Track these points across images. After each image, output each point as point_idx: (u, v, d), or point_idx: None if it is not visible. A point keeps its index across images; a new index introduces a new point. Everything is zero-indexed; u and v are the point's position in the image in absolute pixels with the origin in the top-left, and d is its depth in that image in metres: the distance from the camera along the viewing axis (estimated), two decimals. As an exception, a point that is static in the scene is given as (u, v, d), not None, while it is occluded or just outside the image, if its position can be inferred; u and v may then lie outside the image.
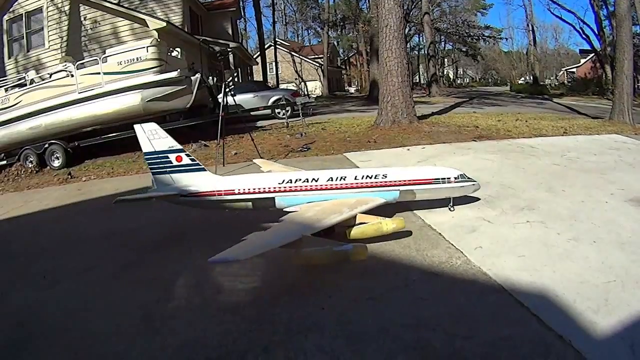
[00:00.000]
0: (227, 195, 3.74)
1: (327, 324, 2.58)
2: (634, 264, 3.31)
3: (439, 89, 28.40)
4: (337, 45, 47.45)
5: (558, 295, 2.91)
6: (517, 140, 8.74)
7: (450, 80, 63.50)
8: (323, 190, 3.65)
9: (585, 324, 2.60)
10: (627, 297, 2.85)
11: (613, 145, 8.23)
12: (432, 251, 3.61)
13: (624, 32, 11.63)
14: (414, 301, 2.87)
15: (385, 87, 9.60)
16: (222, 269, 3.32)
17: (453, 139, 8.63)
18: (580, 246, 3.67)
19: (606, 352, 2.37)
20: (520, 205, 4.71)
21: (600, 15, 32.54)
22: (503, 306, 2.82)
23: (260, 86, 15.98)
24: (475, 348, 2.40)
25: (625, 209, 4.57)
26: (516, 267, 3.33)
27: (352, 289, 3.00)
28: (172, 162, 3.77)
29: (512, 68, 62.18)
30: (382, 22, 9.58)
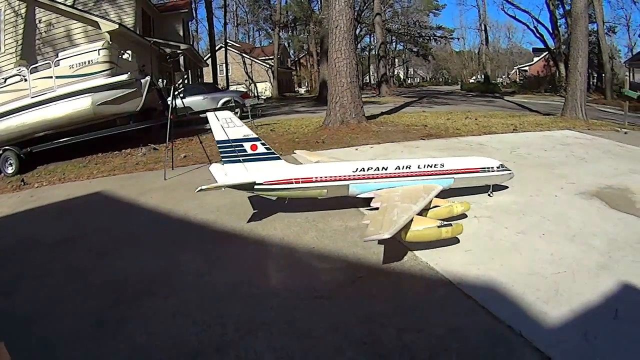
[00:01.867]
0: (304, 183, 4.79)
1: (276, 323, 3.15)
2: (584, 254, 4.22)
3: (388, 89, 35.51)
4: (288, 46, 57.78)
5: (506, 287, 3.62)
6: (466, 138, 10.64)
7: (401, 80, 75.40)
8: (391, 178, 4.85)
9: (536, 314, 3.27)
10: (578, 287, 3.64)
11: (565, 141, 10.27)
12: (379, 248, 4.32)
13: (579, 30, 14.70)
14: (362, 298, 3.50)
15: (334, 88, 11.94)
16: (166, 271, 4.12)
17: (401, 137, 10.37)
18: (529, 239, 4.58)
19: (558, 340, 2.99)
20: (468, 200, 5.40)
21: (556, 14, 41.81)
22: (451, 299, 3.49)
23: (210, 88, 19.65)
24: (425, 341, 2.96)
25: (576, 202, 5.80)
26: (464, 261, 4.08)
27: (299, 288, 3.65)
28: (246, 151, 4.77)
29: (464, 67, 74.88)
30: (333, 23, 11.84)
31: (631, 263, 4.09)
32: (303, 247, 4.58)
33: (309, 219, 5.31)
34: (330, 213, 5.45)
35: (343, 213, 5.46)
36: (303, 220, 5.29)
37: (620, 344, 2.95)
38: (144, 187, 7.22)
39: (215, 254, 4.57)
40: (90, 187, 7.52)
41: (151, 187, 7.18)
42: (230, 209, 5.81)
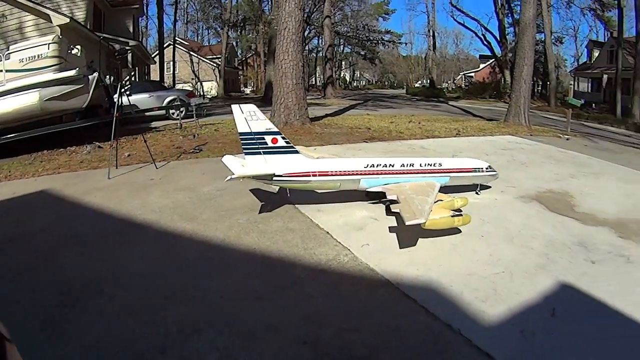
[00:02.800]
0: (321, 177, 5.48)
1: (219, 324, 3.42)
2: (522, 256, 4.70)
3: (334, 91, 38.26)
4: (236, 45, 61.89)
5: (445, 287, 3.98)
6: (408, 141, 11.57)
7: (347, 82, 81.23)
8: (397, 174, 5.67)
9: (474, 313, 3.60)
10: (516, 287, 4.04)
11: (507, 146, 11.33)
12: (320, 249, 4.72)
13: (526, 39, 16.58)
14: (303, 298, 3.81)
15: (279, 89, 12.96)
16: (110, 272, 4.37)
17: (344, 140, 11.25)
18: (468, 241, 5.03)
19: (496, 338, 3.31)
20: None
21: (504, 22, 47.14)
22: (390, 299, 3.81)
23: (156, 86, 20.88)
24: (365, 340, 3.24)
25: (515, 205, 6.45)
26: (403, 262, 4.44)
27: (240, 289, 3.96)
28: (267, 144, 5.36)
29: (410, 72, 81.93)
30: (282, 24, 12.95)
31: (568, 264, 4.59)
32: (244, 247, 4.85)
33: (250, 219, 5.62)
34: (271, 214, 5.81)
35: (284, 214, 5.82)
36: (245, 221, 5.58)
37: (557, 341, 3.32)
38: (88, 186, 7.44)
39: (159, 254, 4.78)
40: (36, 185, 7.77)
41: (95, 186, 7.40)
42: (172, 210, 6.06)
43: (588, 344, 3.35)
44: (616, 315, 3.76)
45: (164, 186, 7.18)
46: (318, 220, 5.52)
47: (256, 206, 6.09)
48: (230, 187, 6.88)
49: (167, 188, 7.05)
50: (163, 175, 7.88)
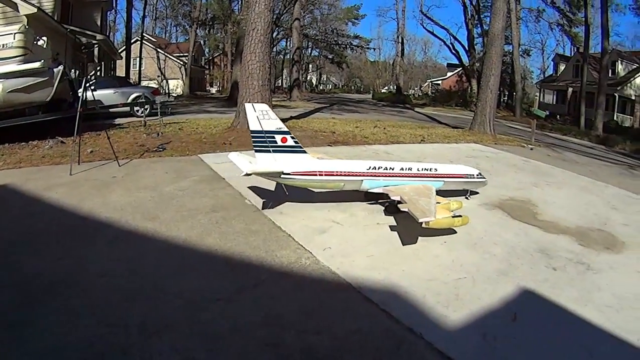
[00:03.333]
0: (326, 176, 5.84)
1: (180, 325, 3.45)
2: (484, 262, 4.85)
3: (300, 94, 39.07)
4: (204, 44, 62.66)
5: (407, 291, 4.07)
6: (373, 146, 11.74)
7: (313, 85, 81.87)
8: (396, 177, 6.05)
9: (436, 317, 3.69)
10: (477, 292, 4.16)
11: (471, 154, 11.64)
12: (282, 252, 4.80)
13: (494, 50, 17.15)
14: (265, 300, 3.87)
15: (245, 90, 13.02)
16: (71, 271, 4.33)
17: (309, 143, 11.25)
18: (430, 246, 5.16)
19: (458, 342, 3.41)
20: (370, 208, 6.38)
21: (474, 32, 49.29)
22: (352, 302, 3.88)
23: (122, 82, 20.81)
24: (327, 342, 3.31)
25: (478, 212, 6.62)
26: (365, 266, 4.52)
27: (202, 290, 3.99)
28: (277, 143, 5.67)
29: (377, 77, 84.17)
30: (250, 25, 13.11)
31: (529, 270, 4.77)
32: (206, 248, 4.87)
33: (212, 220, 5.64)
34: (233, 215, 5.84)
35: (246, 216, 5.86)
36: (207, 221, 5.61)
37: (519, 345, 3.45)
38: (49, 181, 7.32)
39: (120, 253, 4.73)
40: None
41: (57, 182, 7.30)
42: (134, 208, 6.03)
43: (549, 348, 3.48)
44: (577, 320, 3.93)
45: (126, 184, 7.11)
46: (280, 223, 5.60)
47: (218, 207, 6.12)
48: (192, 186, 6.95)
49: (130, 186, 6.99)
50: (125, 173, 7.80)
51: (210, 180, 7.42)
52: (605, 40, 30.05)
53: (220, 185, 7.12)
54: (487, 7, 44.12)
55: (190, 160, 9.04)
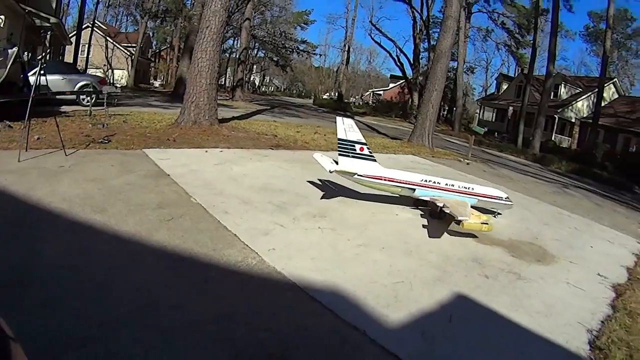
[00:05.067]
0: (389, 182, 7.31)
1: (138, 318, 3.63)
2: (421, 268, 5.36)
3: (242, 94, 39.94)
4: (152, 36, 65.13)
5: (350, 292, 4.46)
6: (313, 152, 11.76)
7: (256, 86, 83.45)
8: (441, 190, 7.43)
9: (378, 317, 4.10)
10: (415, 295, 4.62)
11: (409, 165, 12.38)
12: (229, 251, 5.08)
13: (440, 67, 18.37)
14: (215, 297, 4.12)
15: (192, 87, 13.51)
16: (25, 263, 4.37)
17: (251, 145, 11.84)
18: (369, 251, 5.64)
19: (400, 340, 3.82)
20: (312, 212, 6.83)
21: (420, 47, 52.31)
22: (298, 301, 4.21)
23: (70, 68, 21.15)
24: (277, 338, 3.60)
25: (415, 221, 7.26)
26: (308, 267, 4.89)
27: (154, 285, 4.19)
28: (356, 150, 7.27)
29: (320, 83, 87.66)
30: (204, 22, 13.54)
31: (464, 277, 5.32)
32: (156, 244, 5.06)
33: (159, 216, 5.83)
34: (179, 213, 6.06)
35: (192, 214, 6.10)
36: (154, 217, 5.79)
37: (455, 343, 3.92)
38: None
39: (72, 245, 4.79)
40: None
41: (5, 168, 7.24)
42: (83, 200, 6.09)
43: (484, 347, 3.99)
44: (509, 323, 4.48)
45: (73, 175, 7.13)
46: (225, 223, 5.89)
47: (165, 203, 6.34)
48: (138, 181, 7.14)
49: (77, 177, 7.03)
50: (72, 163, 7.81)
51: (156, 175, 7.63)
52: (551, 64, 32.27)
53: (165, 182, 7.33)
54: (437, 23, 46.87)
55: (135, 154, 9.22)
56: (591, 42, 59.90)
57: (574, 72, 62.11)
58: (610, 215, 11.84)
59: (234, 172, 8.61)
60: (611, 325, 4.76)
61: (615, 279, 6.35)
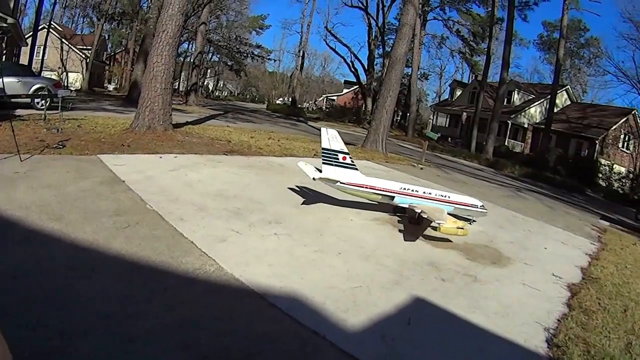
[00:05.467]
0: (370, 189, 7.69)
1: (99, 328, 3.62)
2: (378, 272, 5.48)
3: (196, 99, 40.25)
4: (108, 39, 65.08)
5: (308, 298, 4.53)
6: (267, 157, 12.41)
7: (209, 91, 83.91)
8: (419, 198, 7.77)
9: (337, 321, 4.18)
10: (373, 299, 4.73)
11: (362, 171, 12.10)
12: (186, 258, 5.08)
13: (394, 73, 18.81)
14: (175, 304, 4.11)
15: (147, 92, 13.39)
16: None
17: (205, 150, 11.84)
18: (326, 257, 5.74)
19: (360, 343, 3.91)
20: (267, 218, 6.86)
21: (375, 53, 53.47)
22: (258, 307, 4.26)
23: (25, 71, 20.70)
24: (240, 344, 3.65)
25: (370, 226, 7.42)
26: (266, 274, 4.94)
27: (115, 294, 4.16)
28: (339, 159, 7.66)
29: (274, 88, 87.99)
30: (161, 26, 13.51)
31: (420, 280, 5.46)
32: (114, 252, 5.00)
33: (116, 224, 5.77)
34: (136, 220, 6.01)
35: (148, 221, 6.05)
36: (111, 225, 5.72)
37: (415, 344, 4.05)
38: None
39: (30, 254, 4.70)
40: None
41: None
42: (40, 207, 5.99)
43: (444, 348, 4.12)
44: (467, 324, 4.64)
45: (29, 181, 6.98)
46: (182, 230, 5.88)
47: (121, 211, 6.28)
48: (94, 188, 7.04)
49: (33, 184, 6.88)
50: (28, 169, 7.63)
51: (111, 182, 7.53)
52: (504, 71, 33.87)
53: (121, 189, 7.24)
54: (392, 30, 48.60)
55: (90, 160, 9.12)
56: (545, 50, 62.93)
57: (528, 79, 64.70)
58: (564, 217, 12.37)
59: (189, 178, 8.57)
60: (568, 323, 4.99)
61: (570, 278, 6.66)
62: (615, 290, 6.44)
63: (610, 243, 10.08)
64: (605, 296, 6.09)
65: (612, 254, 8.87)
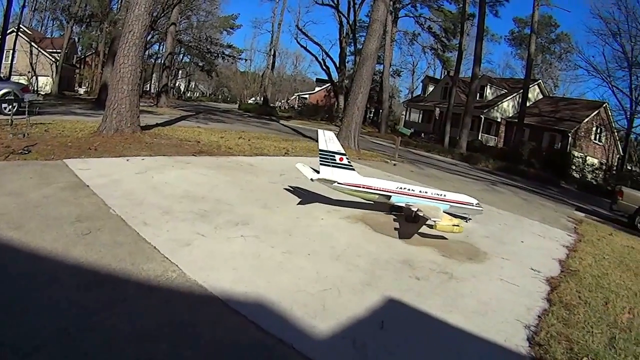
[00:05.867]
0: (367, 189, 7.84)
1: (55, 342, 3.45)
2: (348, 273, 5.26)
3: (167, 100, 40.18)
4: (78, 42, 63.75)
5: (274, 303, 4.30)
6: (237, 157, 12.20)
7: (181, 92, 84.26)
8: (415, 197, 7.94)
9: (305, 328, 3.95)
10: (344, 302, 4.50)
11: None
12: (148, 265, 4.85)
13: (365, 70, 18.83)
14: (135, 314, 3.90)
15: (114, 94, 13.25)
16: None
17: (174, 152, 11.65)
18: (294, 258, 5.51)
19: (329, 351, 3.70)
20: (235, 220, 6.62)
21: (346, 51, 54.27)
22: (222, 315, 4.04)
23: None
24: (200, 356, 3.44)
25: (341, 225, 7.23)
26: (231, 278, 4.70)
27: (71, 305, 3.98)
28: (336, 160, 7.90)
29: (245, 87, 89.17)
30: (127, 27, 13.34)
31: (393, 280, 5.27)
32: (73, 261, 4.78)
33: (77, 231, 5.53)
34: (98, 226, 5.77)
35: (110, 226, 5.82)
36: (72, 232, 5.48)
37: (389, 351, 3.82)
38: None
39: None
40: None
41: None
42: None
43: (419, 353, 3.92)
44: (444, 326, 4.45)
45: None
46: (145, 235, 5.67)
47: (83, 217, 6.04)
48: (57, 194, 6.79)
49: None
50: None
51: (75, 187, 7.27)
52: (476, 67, 34.44)
53: (84, 193, 6.99)
54: (363, 27, 48.85)
55: (55, 165, 8.91)
56: (516, 46, 64.02)
57: (500, 75, 65.76)
58: (539, 210, 12.40)
59: (155, 180, 8.32)
60: (549, 319, 4.85)
61: (548, 272, 6.57)
62: (594, 282, 6.35)
63: (586, 234, 10.10)
64: (585, 289, 5.98)
65: (589, 245, 8.87)
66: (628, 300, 5.89)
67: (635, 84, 39.93)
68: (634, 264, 7.95)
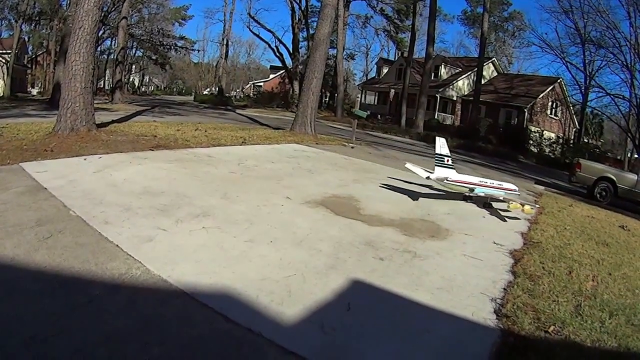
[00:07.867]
0: (462, 184, 9.19)
1: (23, 352, 3.39)
2: (312, 258, 5.31)
3: (122, 96, 40.27)
4: (28, 41, 63.55)
5: (240, 293, 4.32)
6: (194, 149, 12.17)
7: (135, 87, 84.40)
8: (487, 187, 9.36)
9: (272, 315, 3.99)
10: (309, 287, 4.56)
11: (292, 154, 12.69)
12: (112, 264, 4.80)
13: (318, 54, 18.99)
14: (101, 316, 3.86)
15: (67, 93, 12.95)
16: None
17: (130, 148, 11.55)
18: (257, 247, 5.53)
19: (298, 336, 3.74)
20: (195, 212, 6.60)
21: (299, 36, 54.65)
22: (189, 309, 4.05)
23: None
24: (171, 352, 3.45)
25: (302, 210, 7.24)
26: (195, 271, 4.71)
27: (36, 312, 3.89)
28: (444, 161, 9.07)
29: (200, 79, 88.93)
30: (77, 23, 12.98)
31: (357, 262, 5.34)
32: (35, 266, 4.70)
33: (38, 235, 5.42)
34: (59, 228, 5.68)
35: (72, 228, 5.73)
36: (33, 237, 5.37)
37: (357, 331, 3.89)
38: None
39: None
40: None
41: None
42: None
43: (388, 332, 3.99)
44: (410, 304, 4.55)
45: None
46: (106, 234, 5.62)
47: (43, 220, 5.92)
48: (15, 199, 6.65)
49: None
50: None
51: (33, 191, 7.13)
52: (430, 47, 35.22)
53: (43, 197, 6.86)
54: (315, 12, 49.37)
55: (11, 169, 8.76)
56: (469, 25, 65.54)
57: (454, 54, 67.01)
58: (499, 185, 12.70)
59: (114, 178, 8.21)
60: (514, 291, 4.99)
61: (511, 245, 6.77)
62: (557, 252, 6.58)
63: (547, 206, 10.54)
64: (549, 260, 6.19)
65: (550, 217, 9.28)
66: (591, 268, 6.12)
67: (589, 59, 41.07)
68: (595, 233, 8.30)
